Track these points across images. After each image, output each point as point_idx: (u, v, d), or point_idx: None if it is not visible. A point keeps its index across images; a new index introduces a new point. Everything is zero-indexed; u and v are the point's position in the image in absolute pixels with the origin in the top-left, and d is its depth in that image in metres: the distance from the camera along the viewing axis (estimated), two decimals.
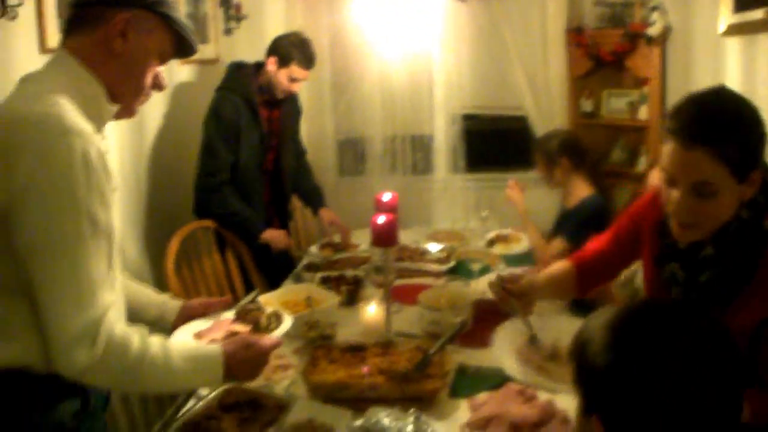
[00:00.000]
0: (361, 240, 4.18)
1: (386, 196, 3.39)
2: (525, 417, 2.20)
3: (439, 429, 2.13)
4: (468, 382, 2.52)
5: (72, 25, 1.83)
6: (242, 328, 2.30)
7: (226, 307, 2.46)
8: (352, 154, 5.69)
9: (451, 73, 5.36)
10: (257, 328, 2.35)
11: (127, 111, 1.91)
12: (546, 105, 5.40)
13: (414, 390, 2.31)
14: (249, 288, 3.65)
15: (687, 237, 1.83)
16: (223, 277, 3.96)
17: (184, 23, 1.91)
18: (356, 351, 2.55)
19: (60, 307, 1.63)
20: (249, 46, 4.83)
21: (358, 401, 2.27)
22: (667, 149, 1.73)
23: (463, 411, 2.31)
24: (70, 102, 1.70)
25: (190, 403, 2.26)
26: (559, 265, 2.52)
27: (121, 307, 1.87)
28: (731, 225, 1.77)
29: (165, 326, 2.28)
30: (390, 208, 3.26)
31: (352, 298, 3.27)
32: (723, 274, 1.81)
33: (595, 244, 2.47)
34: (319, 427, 2.08)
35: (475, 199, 5.49)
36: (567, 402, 2.24)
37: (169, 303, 2.35)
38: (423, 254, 3.96)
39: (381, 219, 2.82)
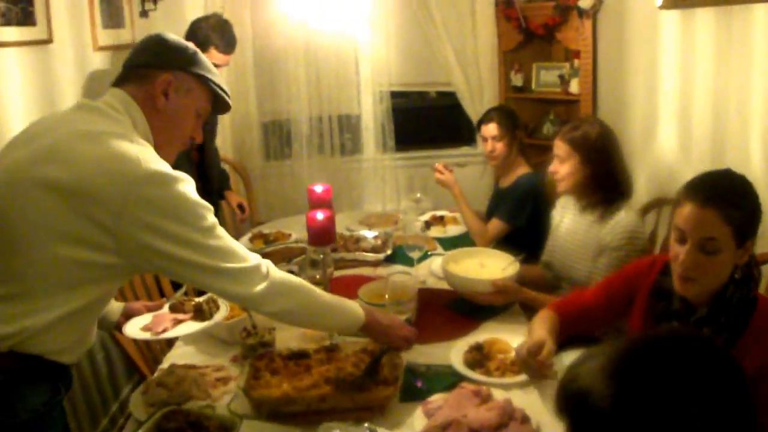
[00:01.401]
0: (293, 229, 4.01)
1: (318, 188, 3.22)
2: (483, 421, 2.10)
3: None
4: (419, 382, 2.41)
5: (123, 80, 2.04)
6: (185, 317, 2.47)
7: (164, 306, 2.58)
8: (278, 136, 5.42)
9: (377, 50, 5.19)
10: (200, 313, 2.48)
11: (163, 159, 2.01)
12: (475, 80, 5.27)
13: (365, 399, 2.18)
14: (176, 287, 3.48)
15: (687, 290, 2.06)
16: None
17: (219, 83, 2.16)
18: (299, 358, 2.39)
19: (227, 272, 1.94)
20: (167, 28, 4.54)
21: (305, 414, 2.16)
22: (683, 210, 2.00)
23: (417, 417, 2.19)
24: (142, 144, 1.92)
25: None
26: (545, 315, 2.50)
27: None
28: (727, 288, 2.04)
29: (107, 326, 2.45)
30: (324, 202, 3.10)
31: None
32: (717, 333, 2.02)
33: (582, 297, 2.58)
34: None
35: (405, 179, 5.38)
36: (524, 399, 2.25)
37: (113, 303, 2.44)
38: (357, 242, 3.79)
39: (318, 216, 2.66)
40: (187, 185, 1.89)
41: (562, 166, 3.09)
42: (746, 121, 3.18)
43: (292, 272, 3.18)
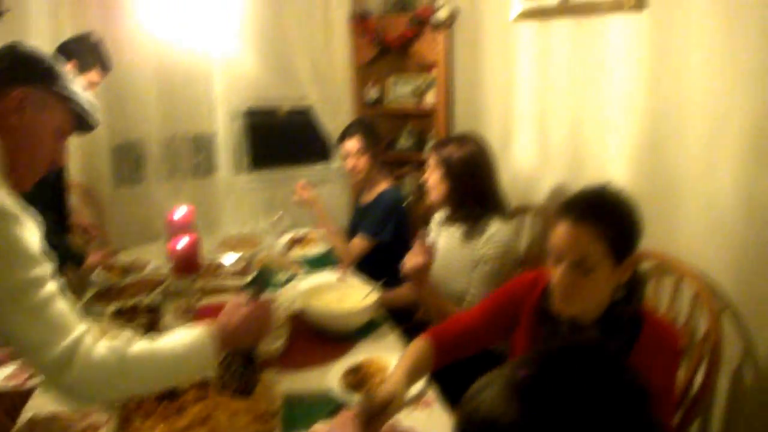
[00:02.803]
0: (151, 256, 3.80)
1: (179, 212, 3.05)
2: None
3: None
4: (299, 411, 2.30)
5: None
6: None
7: None
8: (129, 159, 5.08)
9: (231, 65, 4.99)
10: None
11: (20, 185, 1.85)
12: (331, 94, 5.20)
13: None
14: None
15: (567, 311, 2.01)
16: None
17: (82, 99, 1.95)
18: (172, 398, 2.23)
19: (34, 347, 1.69)
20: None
21: None
22: (557, 230, 1.97)
23: None
24: None
25: None
26: (415, 348, 2.31)
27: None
28: (614, 308, 2.01)
29: None
30: (186, 226, 2.93)
31: (152, 330, 2.86)
32: None
33: (461, 320, 2.44)
34: None
35: (263, 199, 5.21)
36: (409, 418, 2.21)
37: None
38: (219, 268, 3.63)
39: (182, 243, 2.51)
40: (22, 228, 1.67)
41: (431, 177, 3.17)
42: (603, 128, 3.26)
43: (153, 306, 3.04)
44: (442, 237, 3.31)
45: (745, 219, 2.54)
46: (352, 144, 3.92)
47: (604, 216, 1.93)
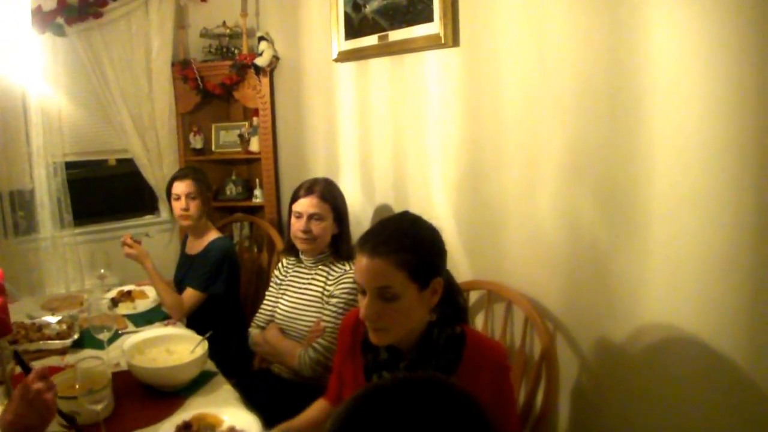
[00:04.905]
0: None
1: None
2: None
3: None
4: None
5: None
6: None
7: None
8: None
9: (49, 117, 4.75)
10: None
11: None
12: (154, 145, 5.06)
13: None
14: None
15: (380, 340, 2.04)
16: None
17: None
18: None
19: None
20: None
21: None
22: (358, 263, 2.02)
23: None
24: None
25: None
26: (316, 408, 2.50)
27: None
28: (431, 330, 2.06)
29: None
30: None
31: None
32: None
33: (334, 368, 2.50)
34: None
35: (88, 256, 4.97)
36: None
37: None
38: (40, 330, 3.45)
39: None
40: None
41: (320, 224, 3.19)
42: (425, 161, 3.34)
43: None
44: (289, 278, 3.37)
45: (565, 240, 2.63)
46: (184, 186, 3.85)
47: (399, 244, 1.97)
